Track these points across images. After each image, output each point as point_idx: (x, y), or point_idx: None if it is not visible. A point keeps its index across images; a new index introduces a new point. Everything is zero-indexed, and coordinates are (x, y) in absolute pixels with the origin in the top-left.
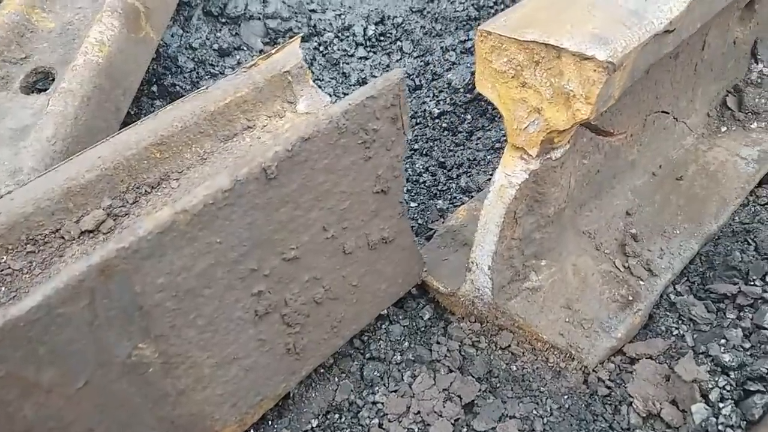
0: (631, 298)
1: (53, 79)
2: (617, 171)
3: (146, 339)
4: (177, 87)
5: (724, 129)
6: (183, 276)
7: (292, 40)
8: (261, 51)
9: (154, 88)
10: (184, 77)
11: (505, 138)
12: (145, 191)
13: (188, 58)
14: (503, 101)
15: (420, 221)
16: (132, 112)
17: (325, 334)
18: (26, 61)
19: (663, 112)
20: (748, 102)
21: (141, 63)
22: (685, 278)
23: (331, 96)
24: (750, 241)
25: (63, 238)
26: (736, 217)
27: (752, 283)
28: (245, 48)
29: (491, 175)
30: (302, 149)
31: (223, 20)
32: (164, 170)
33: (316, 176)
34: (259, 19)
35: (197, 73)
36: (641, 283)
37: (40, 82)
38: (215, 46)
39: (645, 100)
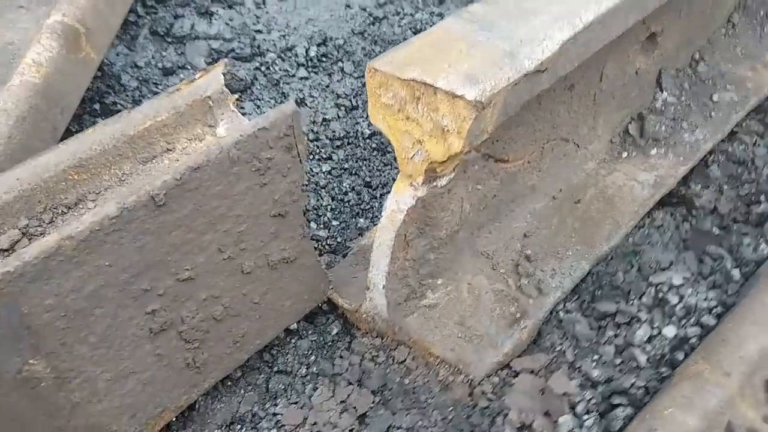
0: (519, 315)
1: None
2: (516, 195)
3: (37, 356)
4: (118, 105)
5: (625, 155)
6: (72, 297)
7: (215, 66)
8: (204, 69)
9: (97, 106)
10: (127, 95)
11: None
12: (62, 211)
13: (132, 76)
14: (392, 132)
15: (339, 239)
16: (74, 130)
17: (227, 348)
18: None
19: (562, 139)
20: (649, 129)
21: (80, 83)
22: (577, 296)
23: None
24: (634, 262)
25: None
26: (630, 239)
27: (631, 302)
28: (189, 67)
29: None
30: (192, 177)
31: (170, 40)
32: (82, 191)
33: (208, 201)
34: (204, 39)
35: (140, 91)
36: (530, 301)
37: None
38: (160, 65)
39: (541, 129)
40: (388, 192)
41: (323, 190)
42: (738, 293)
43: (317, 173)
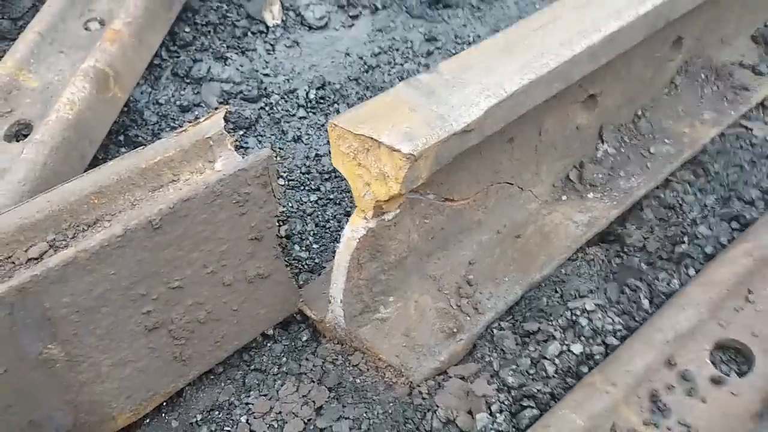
0: (456, 330)
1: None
2: (463, 228)
3: (54, 342)
4: (140, 138)
5: (564, 197)
6: (83, 297)
7: (217, 111)
8: (216, 108)
9: (121, 138)
10: (148, 129)
11: None
12: (83, 229)
13: (153, 112)
14: (349, 175)
15: (317, 260)
16: (100, 158)
17: (210, 347)
18: (11, 114)
19: (506, 182)
20: (587, 176)
21: (107, 118)
22: (511, 316)
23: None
24: (559, 289)
25: (14, 263)
26: (563, 270)
27: (550, 323)
28: (203, 105)
29: None
30: (183, 207)
31: (188, 81)
32: (100, 213)
33: (195, 227)
34: (218, 81)
35: (159, 125)
36: (468, 318)
37: (22, 132)
38: (178, 103)
39: (483, 174)
40: None
41: (309, 217)
42: (644, 320)
43: (305, 202)
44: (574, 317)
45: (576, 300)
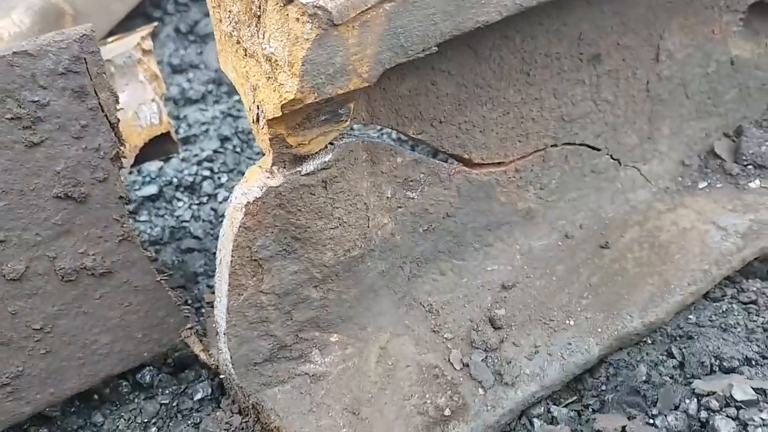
0: (448, 412)
1: None
2: (498, 221)
3: None
4: None
5: (703, 185)
6: None
7: (146, 27)
8: (216, 70)
9: None
10: None
11: None
12: None
13: None
14: (239, 81)
15: None
16: None
17: None
18: None
19: (588, 146)
20: (748, 149)
21: None
22: (576, 395)
23: None
24: (677, 352)
25: None
26: (692, 315)
27: (653, 418)
28: (202, 66)
29: None
30: None
31: (192, 38)
32: None
33: None
34: None
35: None
36: (478, 392)
37: None
38: (170, 62)
39: (537, 119)
40: None
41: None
42: None
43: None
44: (705, 413)
45: (712, 378)
